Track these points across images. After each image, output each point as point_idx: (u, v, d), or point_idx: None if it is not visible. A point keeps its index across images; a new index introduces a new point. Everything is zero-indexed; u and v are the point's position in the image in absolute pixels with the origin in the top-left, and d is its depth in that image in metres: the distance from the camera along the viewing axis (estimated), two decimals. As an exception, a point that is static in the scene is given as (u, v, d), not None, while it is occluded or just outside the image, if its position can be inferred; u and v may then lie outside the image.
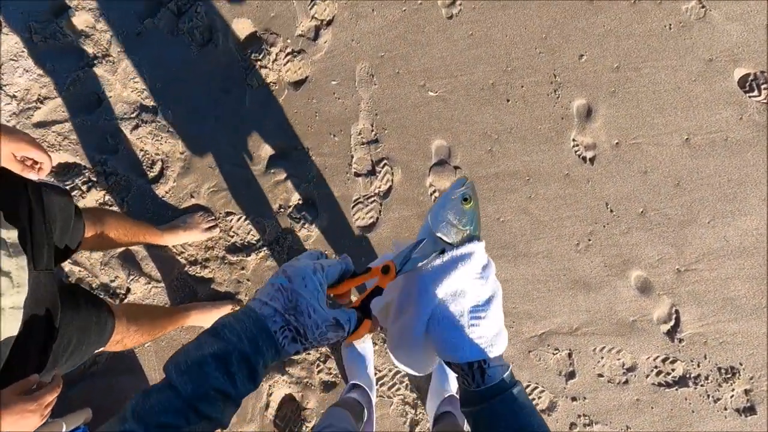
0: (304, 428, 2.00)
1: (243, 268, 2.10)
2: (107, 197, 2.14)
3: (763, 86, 2.17)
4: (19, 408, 0.96)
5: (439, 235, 0.69)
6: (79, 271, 2.09)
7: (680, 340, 2.04)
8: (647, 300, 2.07)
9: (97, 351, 1.40)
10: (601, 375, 2.04)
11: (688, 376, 2.02)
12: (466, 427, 1.83)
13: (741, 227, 2.09)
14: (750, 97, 2.17)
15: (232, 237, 2.13)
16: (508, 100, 2.20)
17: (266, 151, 2.18)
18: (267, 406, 2.02)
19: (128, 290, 2.09)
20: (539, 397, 2.02)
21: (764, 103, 2.17)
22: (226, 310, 2.03)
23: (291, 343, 0.62)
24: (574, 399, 2.02)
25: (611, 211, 2.12)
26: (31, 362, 1.15)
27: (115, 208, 2.13)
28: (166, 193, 2.16)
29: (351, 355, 1.90)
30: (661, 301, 2.07)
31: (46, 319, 1.17)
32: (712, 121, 2.16)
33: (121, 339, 1.49)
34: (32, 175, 1.13)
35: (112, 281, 2.09)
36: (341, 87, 2.22)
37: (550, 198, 2.14)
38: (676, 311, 2.06)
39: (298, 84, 2.24)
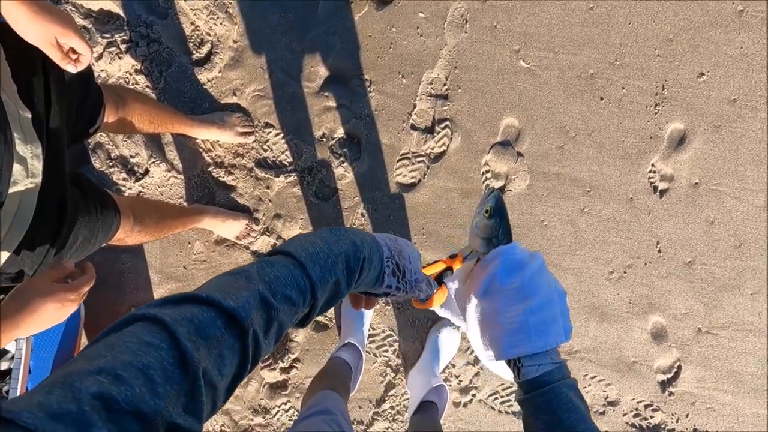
0: (286, 357, 2.03)
1: (268, 187, 1.99)
2: (144, 65, 1.95)
3: None
4: (61, 296, 0.93)
5: (473, 247, 0.79)
6: (101, 136, 1.97)
7: (670, 393, 2.03)
8: (656, 347, 2.02)
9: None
10: (581, 399, 2.05)
11: (663, 427, 2.04)
12: (443, 420, 1.86)
13: (781, 309, 1.99)
14: None
15: (266, 151, 1.98)
16: (601, 99, 1.95)
17: (325, 69, 1.96)
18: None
19: (147, 171, 1.99)
20: (510, 402, 2.05)
21: None
22: (242, 223, 1.95)
23: (390, 275, 0.68)
24: (547, 412, 2.04)
25: (659, 251, 1.99)
26: (38, 253, 1.08)
27: (149, 82, 1.95)
28: (209, 81, 1.97)
29: (349, 313, 1.87)
30: (668, 353, 2.02)
31: (56, 208, 1.08)
32: (806, 192, 1.95)
33: (123, 238, 1.42)
34: (70, 67, 0.96)
35: (132, 157, 1.98)
36: (427, 23, 1.94)
37: (603, 218, 1.98)
38: (679, 366, 2.03)
39: (381, 3, 1.95)
